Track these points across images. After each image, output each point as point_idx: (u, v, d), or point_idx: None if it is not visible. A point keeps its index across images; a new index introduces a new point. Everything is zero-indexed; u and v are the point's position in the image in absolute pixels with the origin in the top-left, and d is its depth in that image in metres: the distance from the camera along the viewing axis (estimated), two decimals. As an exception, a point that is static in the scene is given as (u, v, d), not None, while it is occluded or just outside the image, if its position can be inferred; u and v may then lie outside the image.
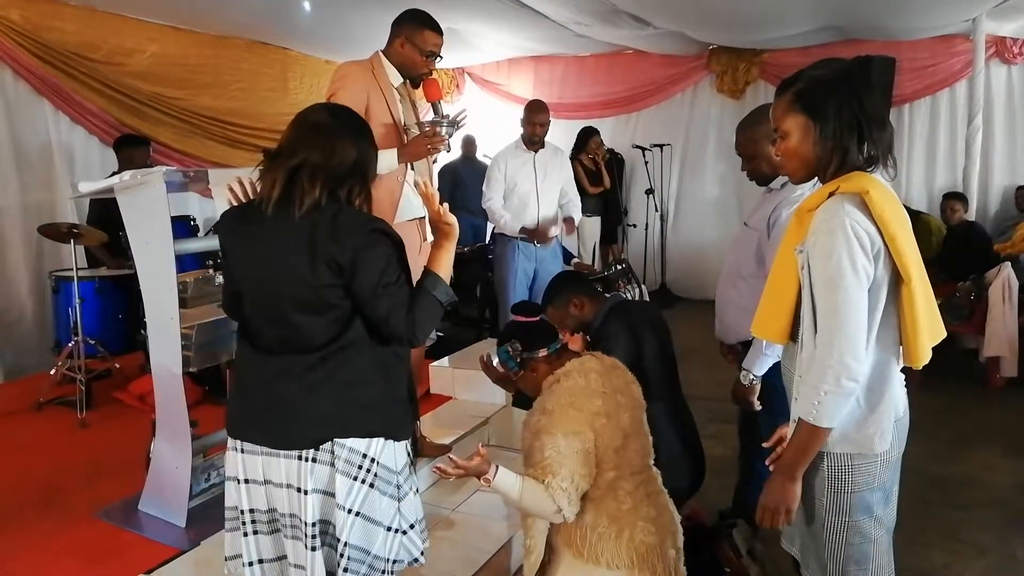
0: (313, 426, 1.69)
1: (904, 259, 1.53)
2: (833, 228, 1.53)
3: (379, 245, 1.67)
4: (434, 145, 2.77)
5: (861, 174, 1.59)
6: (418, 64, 2.89)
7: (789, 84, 1.66)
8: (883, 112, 1.63)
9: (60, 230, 3.95)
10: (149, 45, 5.88)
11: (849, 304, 1.53)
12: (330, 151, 1.68)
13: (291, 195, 1.65)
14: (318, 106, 1.83)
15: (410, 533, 1.79)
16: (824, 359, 1.55)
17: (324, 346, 1.69)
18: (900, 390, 1.69)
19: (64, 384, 4.02)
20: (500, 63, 8.86)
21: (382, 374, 1.74)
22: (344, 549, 1.69)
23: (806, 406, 1.58)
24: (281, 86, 7.16)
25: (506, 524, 2.95)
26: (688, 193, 8.22)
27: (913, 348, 1.58)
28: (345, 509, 1.69)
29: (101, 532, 2.67)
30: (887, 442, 1.63)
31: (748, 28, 6.75)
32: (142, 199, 2.58)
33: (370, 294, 1.65)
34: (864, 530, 1.68)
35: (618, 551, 1.98)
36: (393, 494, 1.75)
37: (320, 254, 1.63)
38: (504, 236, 4.60)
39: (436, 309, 1.71)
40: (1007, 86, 6.90)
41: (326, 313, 1.68)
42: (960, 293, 5.12)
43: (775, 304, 1.69)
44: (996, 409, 4.77)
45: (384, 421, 1.74)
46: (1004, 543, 3.12)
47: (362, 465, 1.70)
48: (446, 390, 4.08)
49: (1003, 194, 6.99)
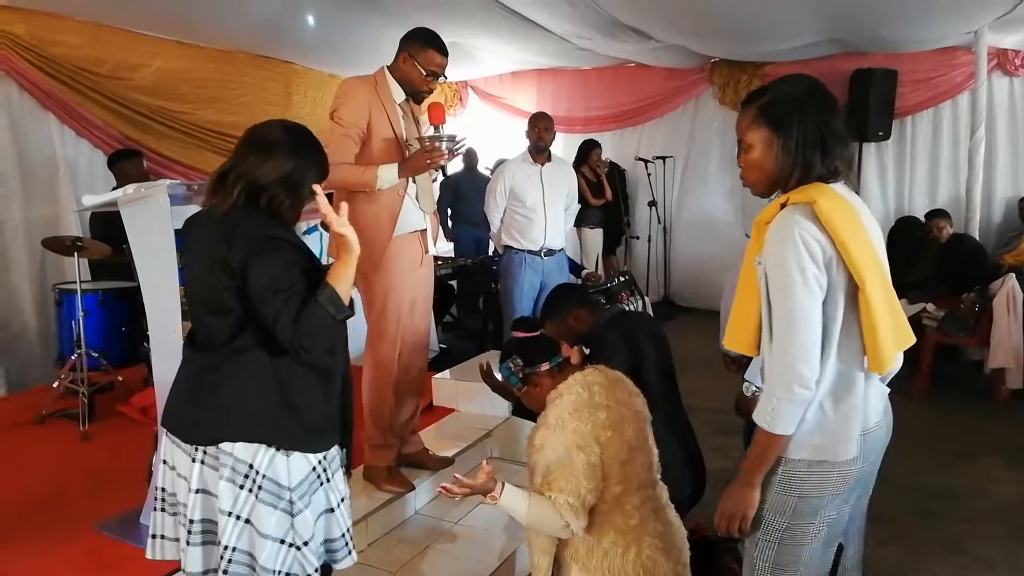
0: (205, 424, 1.76)
1: (857, 265, 1.53)
2: (783, 238, 1.55)
3: (273, 252, 1.69)
4: (433, 160, 2.78)
5: (814, 185, 1.60)
6: (417, 82, 2.91)
7: (755, 97, 1.69)
8: (846, 130, 1.65)
9: (64, 243, 3.96)
10: (154, 59, 5.92)
11: (800, 312, 1.54)
12: (261, 161, 1.76)
13: (215, 201, 1.75)
14: (270, 121, 1.87)
15: (303, 549, 1.76)
16: (777, 367, 1.58)
17: (223, 347, 1.76)
18: (874, 400, 1.68)
19: (67, 397, 4.01)
20: (503, 76, 8.90)
21: (276, 382, 1.75)
22: (227, 552, 1.73)
23: (762, 412, 1.60)
24: (284, 100, 7.20)
25: (509, 537, 2.94)
26: (691, 205, 8.23)
27: (874, 355, 1.57)
28: (227, 514, 1.72)
29: (102, 545, 2.66)
30: (851, 452, 1.61)
31: (750, 41, 6.77)
32: (145, 212, 2.58)
33: (258, 299, 1.68)
34: (800, 535, 1.67)
35: (624, 567, 1.96)
36: (286, 508, 1.74)
37: (216, 257, 1.71)
38: (511, 248, 4.62)
39: (324, 321, 1.67)
40: (1009, 98, 6.91)
41: (224, 315, 1.74)
42: (964, 305, 5.10)
43: (742, 316, 1.71)
44: (1001, 421, 4.74)
45: (272, 430, 1.73)
46: (1010, 556, 3.09)
47: (248, 475, 1.72)
48: (449, 402, 4.08)
49: (1006, 205, 6.98)
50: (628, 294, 5.59)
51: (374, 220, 2.87)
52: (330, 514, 1.85)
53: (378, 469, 3.04)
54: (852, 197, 1.66)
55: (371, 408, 3.01)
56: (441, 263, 6.20)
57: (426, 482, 3.19)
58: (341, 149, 2.79)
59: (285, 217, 1.80)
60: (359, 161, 2.83)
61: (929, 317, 5.38)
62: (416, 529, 3.06)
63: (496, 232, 4.75)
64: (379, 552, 2.86)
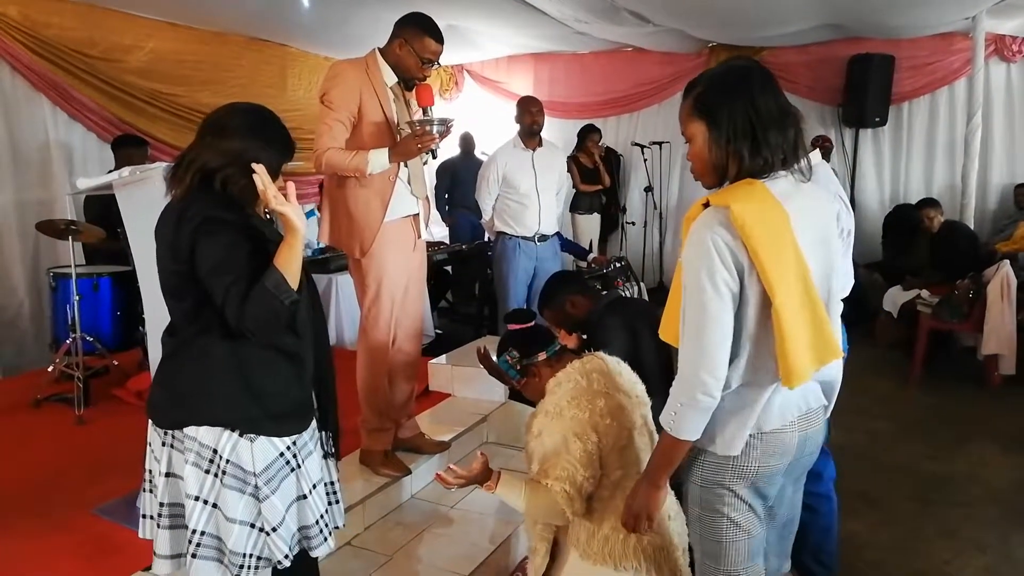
0: (170, 408, 1.77)
1: (769, 276, 1.48)
2: (697, 241, 1.53)
3: (217, 234, 1.68)
4: (424, 144, 2.73)
5: (742, 184, 1.56)
6: (413, 69, 2.88)
7: (691, 87, 1.64)
8: (782, 115, 1.57)
9: (58, 227, 3.93)
10: (147, 41, 5.87)
11: (707, 319, 1.51)
12: (217, 143, 1.75)
13: (170, 186, 1.78)
14: (226, 105, 1.86)
15: (272, 535, 1.76)
16: (683, 372, 1.56)
17: (184, 330, 1.77)
18: (780, 406, 1.61)
19: (62, 381, 4.00)
20: (499, 60, 8.84)
21: (235, 365, 1.74)
22: (195, 536, 1.74)
23: (667, 415, 1.59)
24: (280, 83, 7.15)
25: (505, 521, 2.95)
26: (687, 191, 8.20)
27: (784, 367, 1.51)
28: (194, 498, 1.73)
29: (100, 528, 2.66)
30: (734, 449, 1.59)
31: (748, 26, 6.75)
32: (141, 195, 2.56)
33: (207, 281, 1.68)
34: (715, 528, 1.67)
35: (625, 552, 1.97)
36: (252, 493, 1.74)
37: (169, 242, 1.72)
38: (504, 234, 4.60)
39: (270, 303, 1.65)
40: (1006, 84, 6.91)
41: (183, 298, 1.75)
42: (959, 291, 5.11)
43: (672, 308, 1.68)
44: (995, 407, 4.77)
45: (233, 415, 1.73)
46: (1004, 540, 3.12)
47: (212, 459, 1.73)
48: (445, 387, 4.08)
49: (1002, 192, 6.99)
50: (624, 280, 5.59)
51: (365, 205, 2.85)
52: (303, 501, 1.83)
53: (374, 453, 3.05)
54: (795, 193, 1.58)
55: (366, 393, 3.01)
56: (437, 248, 6.19)
57: (422, 466, 3.20)
58: (332, 133, 2.75)
59: (241, 198, 1.76)
60: (349, 145, 2.80)
61: (923, 303, 5.40)
62: (413, 513, 3.06)
63: (488, 219, 4.72)
64: (376, 536, 2.87)
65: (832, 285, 1.66)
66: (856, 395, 1.84)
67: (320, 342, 1.95)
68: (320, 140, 2.76)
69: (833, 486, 2.60)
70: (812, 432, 1.71)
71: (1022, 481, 3.68)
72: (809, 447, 1.73)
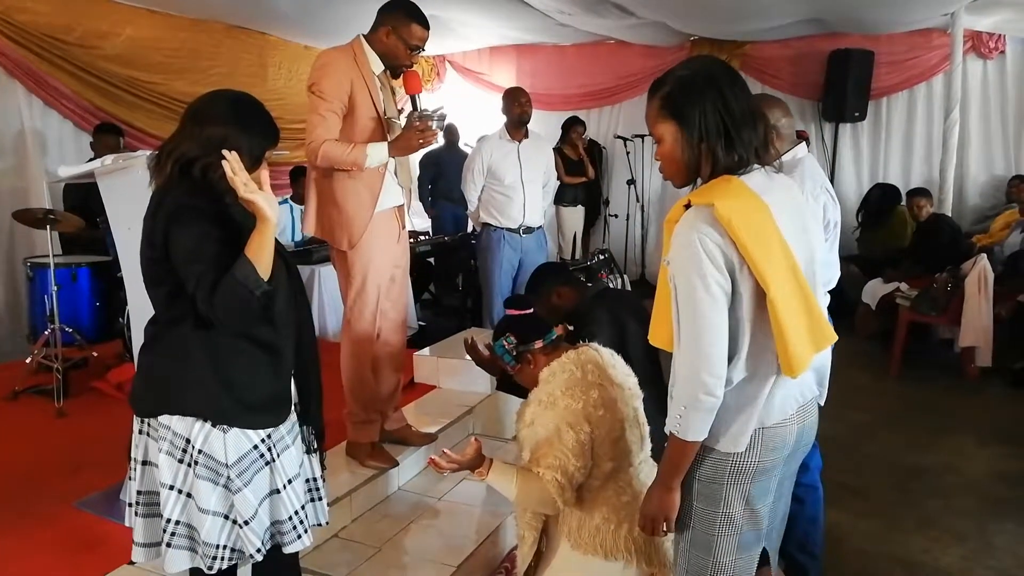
0: (146, 396, 1.77)
1: (760, 269, 1.48)
2: (684, 244, 1.52)
3: (188, 223, 1.67)
4: (426, 139, 2.74)
5: (720, 181, 1.56)
6: (401, 56, 2.86)
7: (657, 87, 1.61)
8: (751, 110, 1.57)
9: (36, 215, 3.86)
10: (124, 28, 5.77)
11: (703, 321, 1.51)
12: (197, 132, 1.73)
13: (152, 176, 1.77)
14: (208, 93, 1.83)
15: (245, 528, 1.74)
16: (683, 375, 1.56)
17: (161, 319, 1.78)
18: (780, 400, 1.63)
19: (40, 373, 3.94)
20: (482, 51, 8.80)
21: (208, 355, 1.72)
22: (169, 526, 1.74)
23: (672, 420, 1.59)
24: (260, 72, 7.06)
25: (493, 513, 2.95)
26: (669, 185, 8.15)
27: (784, 358, 1.52)
28: (168, 487, 1.72)
29: (83, 522, 2.63)
30: (739, 446, 1.59)
31: (730, 19, 6.77)
32: (124, 184, 2.52)
33: (179, 270, 1.67)
34: (710, 521, 1.67)
35: (616, 543, 1.98)
36: (225, 484, 1.73)
37: (147, 230, 1.72)
38: (490, 226, 4.59)
39: (238, 291, 1.62)
40: (983, 80, 7.00)
41: (159, 287, 1.75)
42: (937, 284, 5.18)
43: (660, 312, 1.67)
44: (971, 398, 4.86)
45: (205, 405, 1.71)
46: (981, 530, 3.17)
47: (186, 449, 1.72)
48: (430, 379, 4.07)
49: (980, 187, 7.10)
50: (608, 272, 5.62)
51: (355, 197, 2.82)
52: (276, 496, 1.80)
53: (361, 446, 3.03)
54: (771, 185, 1.59)
55: (351, 385, 2.99)
56: (420, 240, 6.16)
57: (409, 458, 3.19)
58: (326, 124, 2.71)
59: (221, 186, 1.72)
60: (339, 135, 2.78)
61: (902, 296, 5.47)
62: (400, 505, 3.06)
63: (474, 210, 4.71)
64: (363, 528, 2.86)
65: (816, 270, 1.67)
66: (836, 386, 1.84)
67: (304, 334, 1.92)
68: (314, 131, 2.71)
69: (819, 476, 2.63)
70: (808, 424, 1.73)
71: (998, 472, 3.74)
72: (805, 439, 1.74)
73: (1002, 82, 6.97)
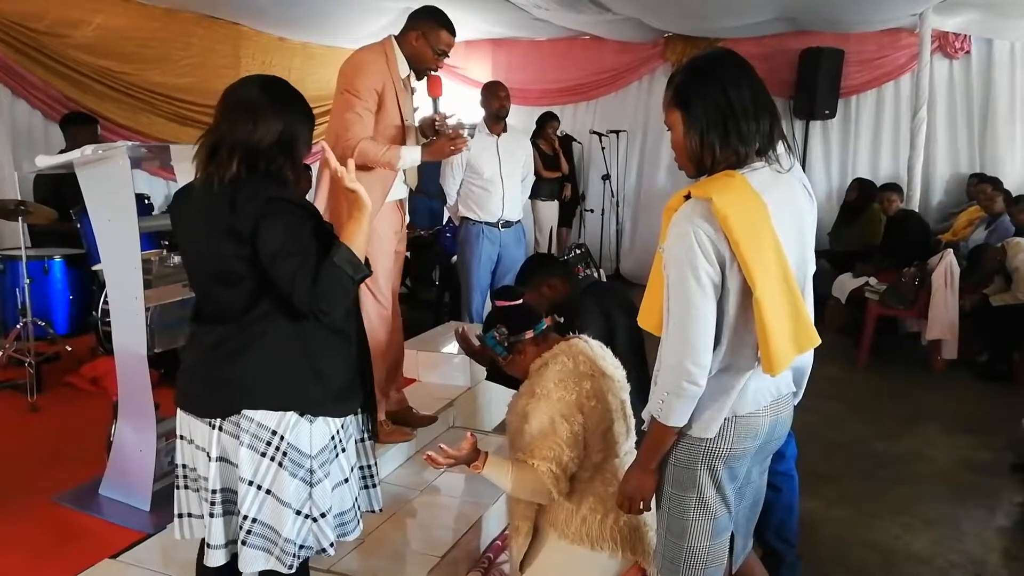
0: (224, 395, 1.71)
1: (749, 267, 1.51)
2: (679, 234, 1.55)
3: (281, 214, 1.65)
4: (457, 147, 2.91)
5: (722, 176, 1.58)
6: (429, 60, 2.98)
7: (673, 76, 1.66)
8: (756, 104, 1.59)
9: (7, 207, 3.78)
10: (95, 16, 5.64)
11: (691, 311, 1.55)
12: (252, 126, 1.69)
13: (211, 171, 1.68)
14: (247, 79, 1.81)
15: (320, 522, 1.74)
16: (668, 361, 1.60)
17: (240, 317, 1.71)
18: (754, 392, 1.66)
19: (11, 367, 3.87)
20: (457, 45, 8.69)
21: (299, 347, 1.72)
22: (246, 523, 1.70)
23: (655, 404, 1.64)
24: (233, 63, 6.95)
25: (474, 503, 2.97)
26: (644, 180, 8.31)
27: (765, 356, 1.56)
28: (248, 483, 1.69)
29: (62, 517, 2.60)
30: (709, 432, 1.63)
31: (703, 16, 6.84)
32: (104, 175, 2.50)
33: (271, 263, 1.64)
34: (683, 506, 1.71)
35: (602, 533, 2.01)
36: (305, 478, 1.72)
37: (223, 225, 1.66)
38: (468, 220, 4.60)
39: (341, 280, 1.65)
40: (948, 80, 7.15)
41: (237, 285, 1.70)
42: (905, 279, 5.31)
43: (652, 296, 1.71)
44: (938, 389, 4.98)
45: (297, 395, 1.71)
46: (949, 515, 3.27)
47: (271, 442, 1.70)
48: (410, 373, 4.04)
49: (945, 184, 7.26)
50: (584, 267, 5.65)
51: (368, 190, 2.85)
52: (344, 484, 1.82)
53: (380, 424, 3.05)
54: (774, 184, 1.60)
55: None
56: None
57: (391, 451, 3.19)
58: (363, 123, 2.81)
59: (287, 178, 1.74)
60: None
61: (871, 290, 5.59)
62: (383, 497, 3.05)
63: (453, 204, 4.72)
64: (346, 520, 2.86)
65: (808, 272, 1.71)
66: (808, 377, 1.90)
67: (358, 320, 1.95)
68: (352, 129, 2.80)
69: (794, 465, 2.68)
70: (783, 417, 1.77)
71: (964, 460, 3.85)
72: (778, 431, 1.78)
73: (967, 81, 7.12)
